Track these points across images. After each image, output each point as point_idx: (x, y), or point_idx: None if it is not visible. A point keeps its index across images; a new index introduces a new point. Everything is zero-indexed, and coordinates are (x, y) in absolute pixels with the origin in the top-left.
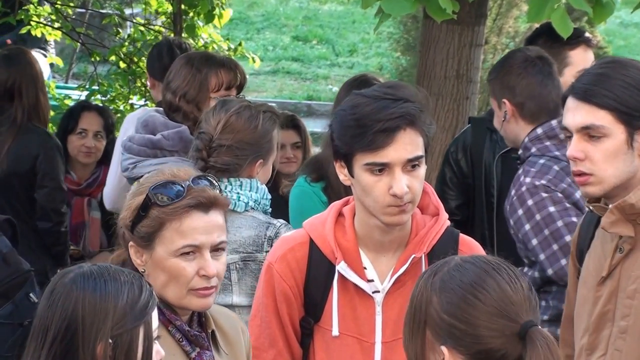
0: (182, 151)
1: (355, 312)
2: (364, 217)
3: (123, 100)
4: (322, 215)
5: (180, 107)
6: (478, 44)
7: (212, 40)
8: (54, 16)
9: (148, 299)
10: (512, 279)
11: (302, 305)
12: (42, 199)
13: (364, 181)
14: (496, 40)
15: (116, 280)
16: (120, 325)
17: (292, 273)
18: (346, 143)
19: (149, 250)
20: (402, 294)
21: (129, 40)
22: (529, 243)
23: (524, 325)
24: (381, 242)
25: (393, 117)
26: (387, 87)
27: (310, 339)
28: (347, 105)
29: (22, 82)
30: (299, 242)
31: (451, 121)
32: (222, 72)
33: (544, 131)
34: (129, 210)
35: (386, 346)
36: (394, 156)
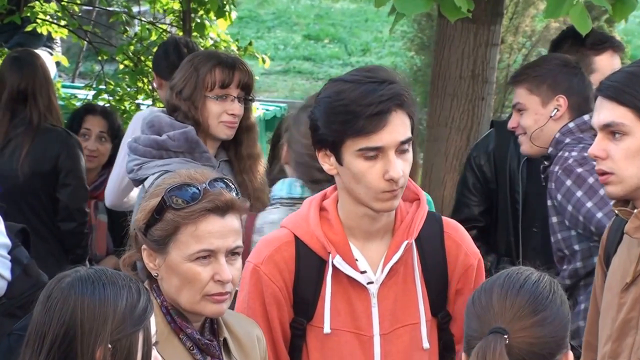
0: (187, 152)
1: (351, 307)
2: (351, 207)
3: (130, 100)
4: (301, 212)
5: (178, 106)
6: (494, 43)
7: (222, 39)
8: (60, 13)
9: (146, 304)
10: (505, 286)
11: (291, 306)
12: (65, 198)
13: (356, 168)
14: (512, 40)
15: (114, 285)
16: (120, 330)
17: (281, 274)
18: (335, 130)
19: (163, 254)
20: (396, 282)
21: (136, 39)
22: (583, 208)
23: (489, 331)
24: (369, 231)
25: (384, 100)
26: (365, 71)
27: (303, 340)
28: (330, 92)
29: (35, 84)
30: (284, 242)
31: (466, 122)
32: (217, 70)
33: (576, 124)
34: (143, 212)
35: (385, 338)
36: (388, 139)
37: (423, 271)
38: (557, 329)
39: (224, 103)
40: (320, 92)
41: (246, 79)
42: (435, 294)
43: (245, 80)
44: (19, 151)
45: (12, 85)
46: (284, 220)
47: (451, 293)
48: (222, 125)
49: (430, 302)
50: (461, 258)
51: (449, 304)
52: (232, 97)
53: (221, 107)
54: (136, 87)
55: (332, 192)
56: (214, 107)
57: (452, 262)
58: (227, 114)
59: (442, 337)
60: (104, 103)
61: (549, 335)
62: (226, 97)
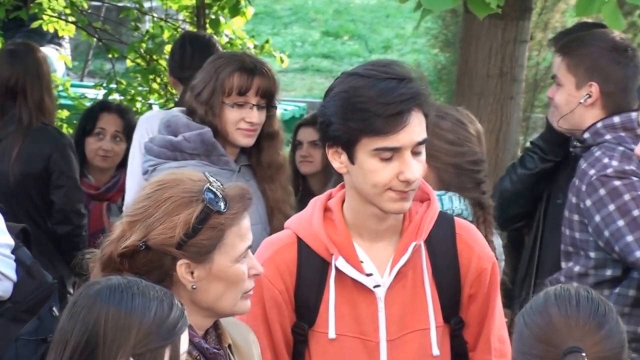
0: (204, 155)
1: (356, 311)
2: (358, 206)
3: (142, 100)
4: (305, 212)
5: (195, 109)
6: (523, 40)
7: (237, 37)
8: (68, 10)
9: (177, 319)
10: (562, 305)
11: (293, 310)
12: (59, 200)
13: (369, 167)
14: (542, 36)
15: (145, 296)
16: (144, 344)
17: (282, 277)
18: (351, 128)
19: (206, 263)
20: (404, 286)
21: (148, 36)
22: (613, 225)
23: (565, 351)
24: (376, 231)
25: (404, 100)
26: (382, 65)
27: (305, 346)
28: (345, 87)
29: (27, 80)
30: (286, 243)
31: (494, 123)
32: (236, 76)
33: (622, 121)
34: (175, 227)
35: (392, 344)
36: (405, 140)
37: (433, 274)
38: (622, 338)
39: (242, 110)
40: (333, 86)
41: (267, 85)
42: (447, 298)
43: (266, 86)
44: (10, 152)
45: (3, 80)
46: (288, 221)
47: (464, 298)
48: (239, 133)
49: (441, 307)
50: (474, 261)
51: (461, 309)
52: (251, 105)
53: (239, 114)
54: (148, 87)
55: (337, 192)
56: (232, 114)
57: (464, 265)
58: (245, 121)
59: (455, 343)
60: (118, 103)
61: (619, 345)
62: (244, 104)
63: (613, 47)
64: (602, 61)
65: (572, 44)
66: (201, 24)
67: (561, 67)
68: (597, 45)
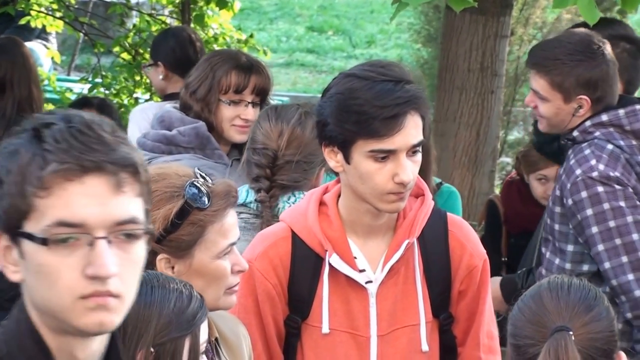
0: (198, 148)
1: (348, 306)
2: (353, 203)
3: (127, 94)
4: (300, 205)
5: (191, 105)
6: (503, 35)
7: (223, 31)
8: (55, 5)
9: (197, 310)
10: (553, 289)
11: (286, 303)
12: None
13: (365, 168)
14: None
15: (164, 288)
16: (164, 334)
17: (275, 270)
18: (346, 129)
19: (186, 258)
20: (396, 282)
21: (134, 31)
22: (588, 229)
23: (553, 330)
24: (371, 227)
25: (400, 103)
26: (379, 66)
27: (298, 339)
28: (342, 89)
29: (14, 73)
30: (280, 237)
31: (475, 117)
32: (233, 74)
33: (609, 119)
34: (157, 221)
35: (382, 339)
36: (400, 142)
37: (425, 271)
38: (611, 324)
39: (238, 108)
40: (331, 86)
41: (263, 83)
42: (437, 294)
43: (262, 84)
44: None
45: None
46: (283, 214)
47: (454, 294)
48: (234, 129)
49: (431, 303)
50: (465, 259)
51: (451, 305)
52: (246, 102)
53: (234, 111)
54: (134, 81)
55: (333, 186)
56: (227, 111)
57: (455, 262)
58: (240, 118)
59: (444, 338)
60: (99, 97)
61: (607, 329)
62: (240, 101)
63: (586, 53)
64: (584, 74)
65: (547, 62)
66: (186, 19)
67: (543, 85)
68: (572, 58)
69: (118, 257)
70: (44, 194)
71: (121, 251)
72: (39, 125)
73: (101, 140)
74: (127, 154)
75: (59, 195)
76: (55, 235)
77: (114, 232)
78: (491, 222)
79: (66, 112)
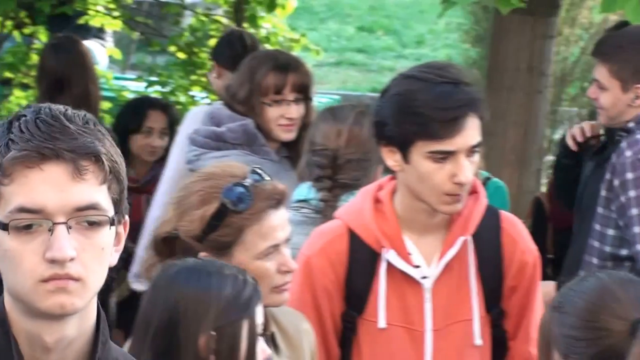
0: (246, 145)
1: (404, 301)
2: (410, 202)
3: (183, 92)
4: (355, 203)
5: (234, 109)
6: (551, 35)
7: (275, 30)
8: (112, 5)
9: (252, 293)
10: (623, 281)
11: (343, 299)
12: None
13: (424, 168)
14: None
15: (220, 274)
16: (224, 317)
17: (333, 267)
18: (406, 130)
19: (226, 258)
20: (451, 278)
21: (189, 30)
22: (630, 210)
23: (634, 323)
24: (426, 225)
25: (460, 105)
26: (437, 68)
27: (354, 334)
28: (401, 90)
29: (72, 71)
30: (337, 234)
31: (523, 116)
32: (270, 75)
33: None
34: (196, 221)
35: (437, 334)
36: (460, 144)
37: (478, 267)
38: None
39: (280, 107)
40: (389, 87)
41: (301, 80)
42: (490, 290)
43: (301, 81)
44: None
45: (49, 72)
46: (338, 211)
47: (506, 289)
48: (280, 129)
49: (484, 298)
50: (517, 255)
51: (503, 300)
52: (288, 101)
53: (278, 111)
54: (189, 80)
55: (387, 183)
56: (271, 111)
57: (508, 258)
58: (285, 117)
59: (495, 333)
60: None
61: None
62: (282, 101)
63: None
64: None
65: (610, 49)
66: (239, 18)
67: (602, 73)
68: (634, 47)
69: (79, 242)
70: (7, 181)
71: (83, 237)
72: (13, 118)
73: (64, 130)
74: (89, 143)
75: (20, 183)
76: (16, 221)
77: (75, 218)
78: (537, 220)
79: (39, 105)
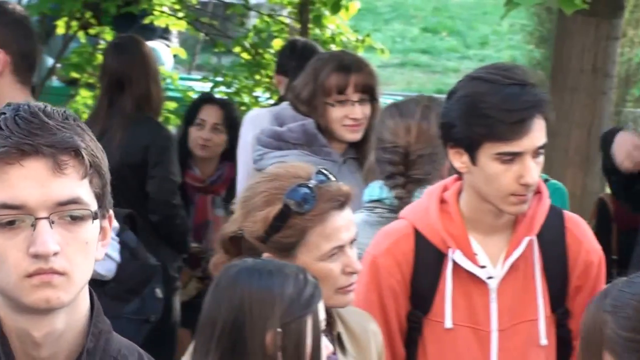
0: (306, 145)
1: (470, 301)
2: (476, 203)
3: (248, 93)
4: (420, 203)
5: (298, 109)
6: (615, 36)
7: (340, 32)
8: (177, 6)
9: (313, 290)
10: None
11: (408, 299)
12: (152, 189)
13: (491, 170)
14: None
15: (281, 272)
16: (289, 314)
17: (399, 267)
18: (474, 132)
19: (289, 259)
20: (516, 278)
21: (253, 31)
22: None
23: None
24: (491, 225)
25: (527, 107)
26: (504, 69)
27: (419, 334)
28: (469, 91)
29: (133, 71)
30: (403, 234)
31: (587, 117)
32: (333, 76)
33: None
34: (259, 222)
35: (502, 334)
36: (527, 145)
37: (543, 267)
38: None
39: (344, 108)
40: (457, 89)
41: (365, 80)
42: (555, 290)
43: (364, 82)
44: (111, 142)
45: (110, 72)
46: (404, 212)
47: (571, 289)
48: (345, 129)
49: (550, 298)
50: (582, 255)
51: (568, 300)
52: (352, 101)
53: (341, 111)
54: (254, 80)
55: (452, 183)
56: (334, 112)
57: (572, 258)
58: (349, 118)
59: (560, 333)
60: (221, 95)
61: None
62: (345, 101)
63: None
64: None
65: None
66: (304, 19)
67: None
68: None
69: (62, 236)
70: None
71: (66, 231)
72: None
73: (43, 125)
74: (68, 138)
75: (0, 179)
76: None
77: (57, 213)
78: (601, 221)
79: (19, 103)
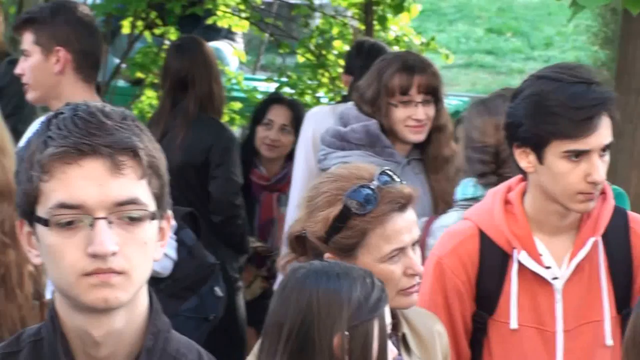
0: (368, 146)
1: (535, 302)
2: (542, 203)
3: (311, 94)
4: (485, 204)
5: (362, 109)
6: None
7: (404, 33)
8: (242, 6)
9: (380, 294)
10: None
11: (473, 299)
12: (214, 190)
13: (559, 168)
14: None
15: (348, 275)
16: (356, 317)
17: (464, 268)
18: (542, 131)
19: (350, 259)
20: (581, 279)
21: (318, 32)
22: None
23: None
24: (557, 226)
25: (593, 104)
26: (569, 68)
27: (484, 335)
28: (536, 90)
29: (195, 71)
30: (468, 235)
31: None
32: (397, 76)
33: None
34: (320, 222)
35: (568, 335)
36: (594, 143)
37: (609, 267)
38: None
39: (408, 108)
40: (522, 88)
41: (429, 81)
42: (620, 290)
43: (427, 83)
44: (174, 142)
45: (173, 73)
46: (467, 212)
47: (635, 290)
48: (408, 130)
49: (615, 299)
50: None
51: (633, 300)
52: (415, 102)
53: (405, 112)
54: (317, 81)
55: (516, 184)
56: (398, 112)
57: (637, 258)
58: (412, 118)
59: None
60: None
61: None
62: (409, 102)
63: None
64: None
65: None
66: (369, 20)
67: None
68: None
69: (120, 236)
70: (46, 177)
71: (125, 232)
72: (51, 116)
73: (101, 125)
74: (126, 138)
75: (59, 179)
76: (57, 217)
77: (115, 213)
78: None
79: (77, 103)
